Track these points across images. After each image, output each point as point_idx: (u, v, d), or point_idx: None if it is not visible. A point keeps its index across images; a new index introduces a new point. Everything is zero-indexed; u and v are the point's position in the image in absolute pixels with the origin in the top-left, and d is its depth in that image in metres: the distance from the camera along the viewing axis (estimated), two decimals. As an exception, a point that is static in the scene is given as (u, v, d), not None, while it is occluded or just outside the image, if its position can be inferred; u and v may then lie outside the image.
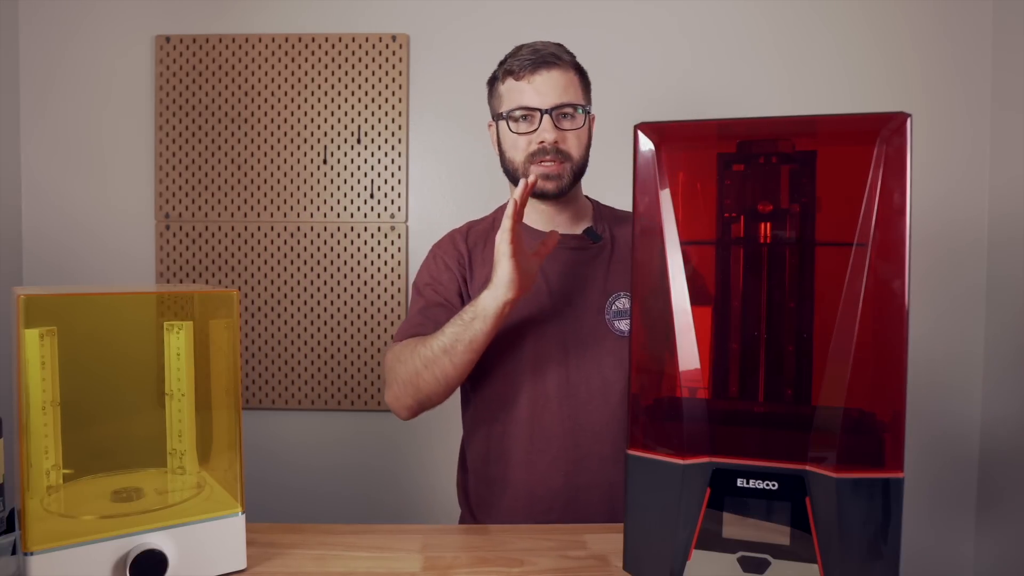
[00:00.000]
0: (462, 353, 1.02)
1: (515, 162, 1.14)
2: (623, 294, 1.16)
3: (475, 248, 1.21)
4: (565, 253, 1.17)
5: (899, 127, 0.67)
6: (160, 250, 1.94)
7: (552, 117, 1.10)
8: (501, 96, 1.15)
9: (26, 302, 0.73)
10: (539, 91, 1.11)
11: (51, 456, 0.78)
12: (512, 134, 1.13)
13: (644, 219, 0.75)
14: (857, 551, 0.67)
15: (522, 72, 1.11)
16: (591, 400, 1.12)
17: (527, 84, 1.11)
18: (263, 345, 1.93)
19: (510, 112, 1.12)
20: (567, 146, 1.12)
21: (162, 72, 1.92)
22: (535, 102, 1.10)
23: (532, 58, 1.11)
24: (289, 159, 1.93)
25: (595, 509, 1.10)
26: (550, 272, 1.16)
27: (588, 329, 1.14)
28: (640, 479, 0.75)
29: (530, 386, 1.12)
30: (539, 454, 1.11)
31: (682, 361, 0.73)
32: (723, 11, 1.92)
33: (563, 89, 1.12)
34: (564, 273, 1.16)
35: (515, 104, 1.12)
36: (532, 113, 1.11)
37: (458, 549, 0.88)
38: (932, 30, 1.91)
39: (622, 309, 1.16)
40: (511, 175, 1.17)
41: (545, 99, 1.10)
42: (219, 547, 0.79)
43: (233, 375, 0.83)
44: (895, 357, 0.68)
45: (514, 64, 1.12)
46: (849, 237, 0.69)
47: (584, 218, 1.23)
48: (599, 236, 1.19)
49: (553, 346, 1.13)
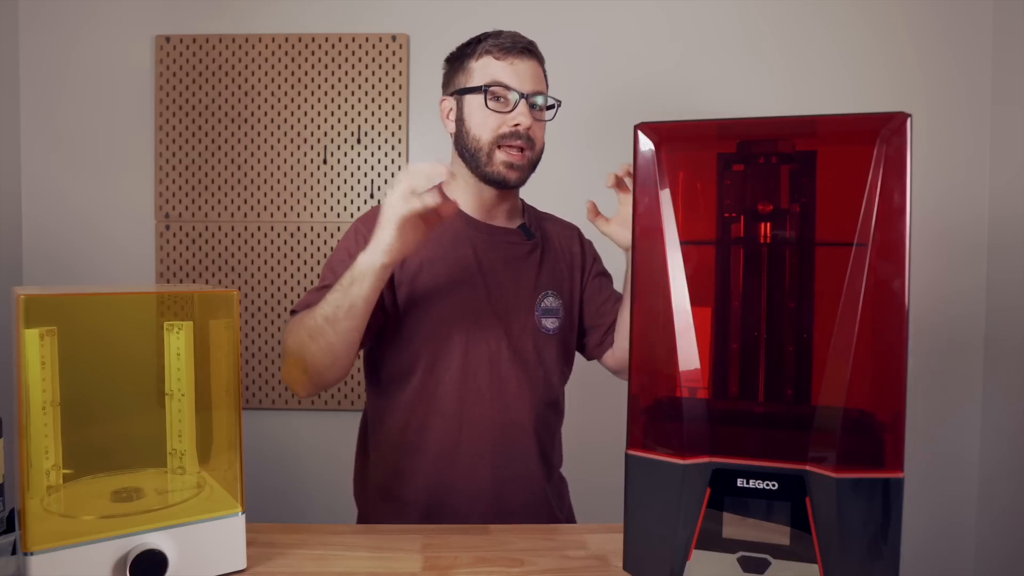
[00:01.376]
0: (343, 320, 0.95)
1: (480, 141, 1.10)
2: (551, 293, 1.17)
3: None
4: (503, 246, 1.17)
5: (899, 127, 0.67)
6: (160, 250, 1.94)
7: (527, 102, 1.10)
8: (472, 71, 1.12)
9: (26, 302, 0.73)
10: (518, 74, 1.10)
11: (51, 456, 0.78)
12: (485, 110, 1.09)
13: (644, 219, 0.75)
14: (857, 551, 0.67)
15: (503, 53, 1.10)
16: (521, 396, 1.13)
17: (508, 65, 1.10)
18: (263, 345, 1.93)
19: (488, 87, 1.09)
20: (534, 135, 1.12)
21: (162, 72, 1.92)
22: (514, 83, 1.09)
23: (514, 43, 1.11)
24: (289, 159, 1.93)
25: (521, 503, 1.11)
26: (486, 263, 1.14)
27: (520, 325, 1.14)
28: (640, 479, 0.75)
29: (459, 381, 1.10)
30: (467, 448, 1.11)
31: (682, 361, 0.73)
32: (723, 11, 1.92)
33: (538, 79, 1.13)
34: (500, 267, 1.15)
35: (492, 80, 1.09)
36: (508, 94, 1.09)
37: (458, 549, 0.88)
38: (932, 30, 1.91)
39: (549, 307, 1.17)
40: (470, 152, 1.12)
41: (524, 83, 1.10)
42: (219, 547, 0.79)
43: (233, 375, 0.83)
44: (895, 357, 0.68)
45: (495, 44, 1.10)
46: (849, 237, 0.69)
47: (518, 214, 1.23)
48: (533, 234, 1.20)
49: (485, 340, 1.12)
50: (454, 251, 1.14)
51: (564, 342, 1.21)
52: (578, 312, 1.24)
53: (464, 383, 1.11)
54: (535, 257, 1.19)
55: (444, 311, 1.10)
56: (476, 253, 1.14)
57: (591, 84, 1.91)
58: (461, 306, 1.12)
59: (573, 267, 1.24)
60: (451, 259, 1.13)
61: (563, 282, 1.21)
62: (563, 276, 1.22)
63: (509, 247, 1.17)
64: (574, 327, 1.24)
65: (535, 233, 1.20)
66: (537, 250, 1.19)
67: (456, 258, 1.13)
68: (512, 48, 1.10)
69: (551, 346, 1.17)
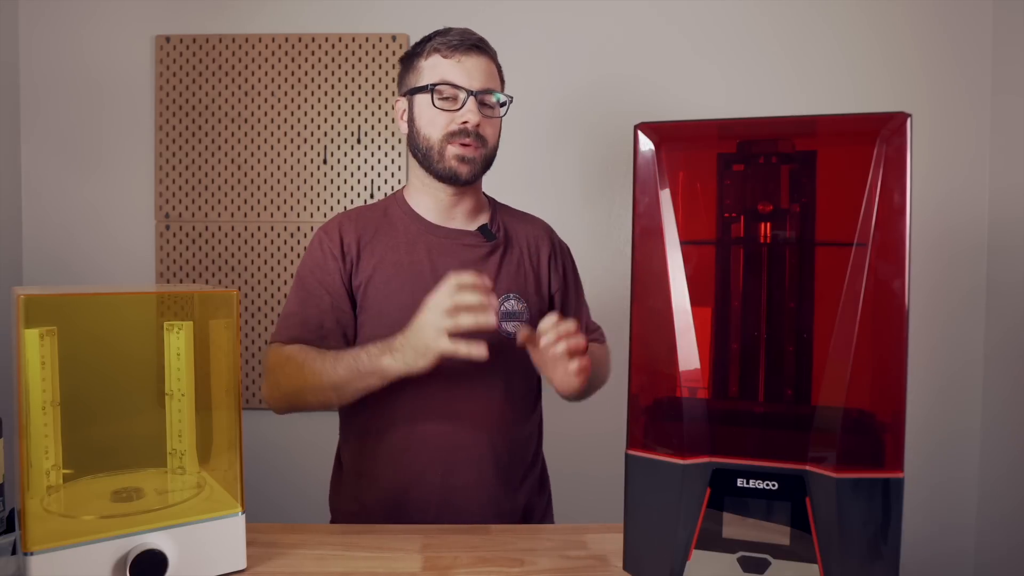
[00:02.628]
0: (351, 395, 1.03)
1: (430, 139, 1.10)
2: (512, 295, 1.14)
3: (364, 235, 1.15)
4: (458, 249, 1.15)
5: (899, 127, 0.67)
6: (160, 250, 1.94)
7: (476, 100, 1.08)
8: (421, 71, 1.12)
9: (26, 302, 0.73)
10: (467, 71, 1.09)
11: (51, 456, 0.78)
12: (433, 109, 1.09)
13: (644, 219, 0.75)
14: (857, 551, 0.67)
15: (451, 51, 1.09)
16: (475, 401, 1.11)
17: (456, 63, 1.09)
18: (263, 345, 1.93)
19: (435, 86, 1.09)
20: (485, 132, 1.11)
21: (162, 72, 1.92)
22: (462, 81, 1.08)
23: (462, 40, 1.10)
24: (289, 159, 1.92)
25: (470, 511, 1.09)
26: (441, 268, 1.11)
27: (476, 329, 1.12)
28: (640, 479, 0.75)
29: (412, 387, 1.06)
30: (417, 453, 1.10)
31: (682, 361, 0.73)
32: (723, 11, 1.92)
33: (489, 75, 1.11)
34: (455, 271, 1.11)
35: (440, 79, 1.09)
36: (456, 92, 1.09)
37: (458, 549, 0.88)
38: (932, 30, 1.91)
39: (511, 311, 1.14)
40: (422, 152, 1.12)
41: (472, 81, 1.09)
42: (219, 547, 0.79)
43: (233, 375, 0.83)
44: (895, 357, 0.68)
45: (443, 42, 1.10)
46: (849, 237, 0.69)
47: (481, 214, 1.20)
48: (493, 235, 1.17)
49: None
50: (407, 255, 1.13)
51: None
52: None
53: (416, 390, 1.07)
54: (495, 259, 1.16)
55: (396, 316, 1.06)
56: (431, 257, 1.13)
57: (591, 84, 1.91)
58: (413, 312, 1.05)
59: (540, 267, 1.21)
60: (404, 263, 1.12)
61: (527, 284, 1.18)
62: (528, 278, 1.18)
63: (465, 250, 1.15)
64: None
65: (496, 234, 1.18)
66: (498, 251, 1.17)
67: (409, 262, 1.12)
68: (460, 45, 1.09)
69: (513, 350, 1.11)
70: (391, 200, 1.22)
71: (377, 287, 1.11)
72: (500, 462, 1.13)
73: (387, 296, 1.11)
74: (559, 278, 1.23)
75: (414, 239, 1.15)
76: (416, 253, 1.13)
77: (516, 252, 1.19)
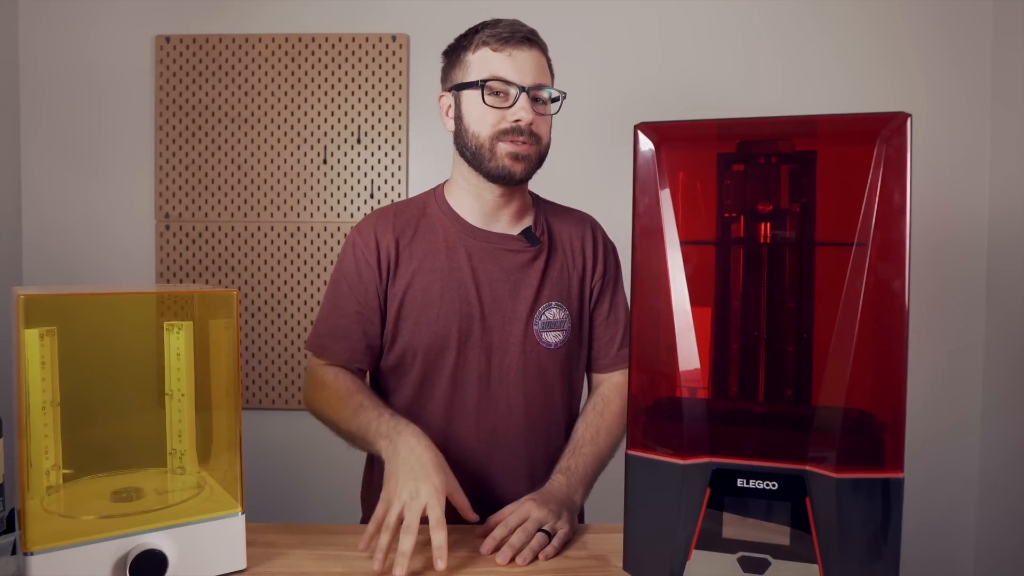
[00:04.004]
0: (359, 448, 1.04)
1: (480, 137, 1.04)
2: (554, 304, 1.10)
3: (402, 237, 1.10)
4: (501, 255, 1.09)
5: (899, 127, 0.67)
6: (160, 250, 1.94)
7: (528, 96, 1.02)
8: (469, 65, 1.05)
9: (26, 302, 0.73)
10: (518, 66, 1.02)
11: (51, 456, 0.78)
12: (483, 106, 1.02)
13: (644, 219, 0.75)
14: (857, 551, 0.67)
15: (501, 44, 1.03)
16: (511, 414, 1.08)
17: (507, 57, 1.02)
18: (263, 345, 1.93)
19: (485, 82, 1.02)
20: (539, 130, 1.04)
21: (162, 72, 1.92)
22: (513, 76, 1.02)
23: (512, 32, 1.03)
24: (289, 159, 1.92)
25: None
26: (482, 275, 1.08)
27: (514, 340, 1.08)
28: (640, 479, 0.75)
29: (448, 397, 1.07)
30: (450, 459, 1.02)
31: (682, 361, 0.73)
32: (723, 11, 1.92)
33: (540, 70, 1.05)
34: (497, 278, 1.09)
35: (490, 74, 1.02)
36: (507, 88, 1.02)
37: (458, 549, 0.88)
38: (932, 30, 1.91)
39: (551, 320, 1.09)
40: (471, 151, 1.05)
41: (524, 76, 1.02)
42: (219, 547, 0.79)
43: (233, 375, 0.83)
44: (895, 357, 0.68)
45: (492, 35, 1.03)
46: (849, 237, 0.69)
47: (526, 215, 1.14)
48: (537, 239, 1.11)
49: (476, 356, 1.07)
50: (448, 261, 1.08)
51: (570, 356, 1.13)
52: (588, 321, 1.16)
53: (452, 400, 1.07)
54: (538, 265, 1.10)
55: (436, 326, 1.06)
56: (472, 264, 1.08)
57: (591, 83, 1.91)
58: (452, 320, 1.06)
59: (584, 270, 1.15)
60: (445, 270, 1.08)
61: (571, 290, 1.13)
62: (571, 282, 1.13)
63: (509, 256, 1.09)
64: (584, 339, 1.16)
65: (540, 238, 1.11)
66: (541, 256, 1.11)
67: (450, 269, 1.08)
68: (511, 38, 1.03)
69: (554, 362, 1.10)
70: (430, 197, 1.15)
71: (416, 295, 1.07)
72: (536, 475, 1.09)
73: (426, 304, 1.07)
74: (598, 279, 1.16)
75: (454, 243, 1.09)
76: (456, 259, 1.08)
77: (559, 256, 1.13)
